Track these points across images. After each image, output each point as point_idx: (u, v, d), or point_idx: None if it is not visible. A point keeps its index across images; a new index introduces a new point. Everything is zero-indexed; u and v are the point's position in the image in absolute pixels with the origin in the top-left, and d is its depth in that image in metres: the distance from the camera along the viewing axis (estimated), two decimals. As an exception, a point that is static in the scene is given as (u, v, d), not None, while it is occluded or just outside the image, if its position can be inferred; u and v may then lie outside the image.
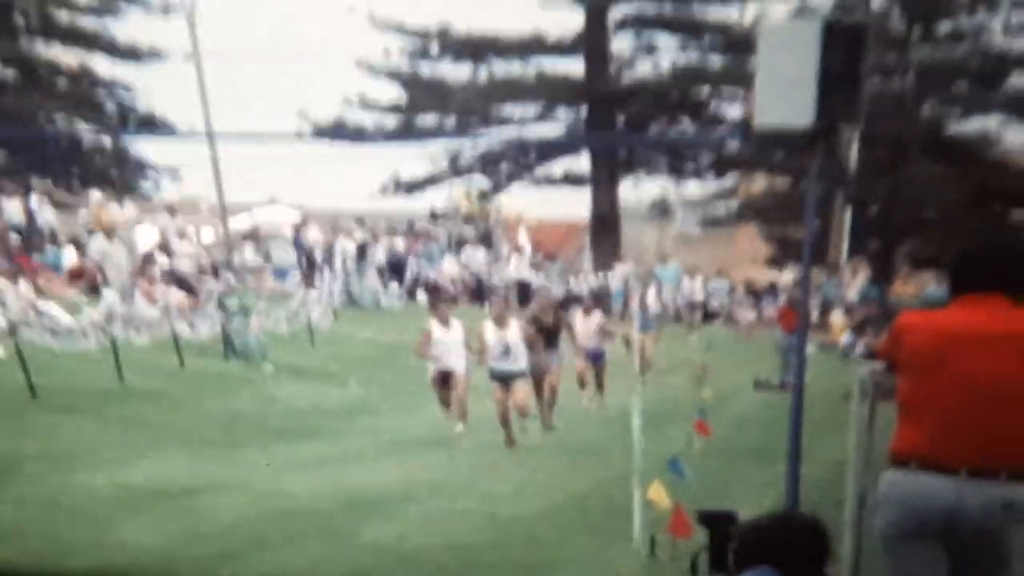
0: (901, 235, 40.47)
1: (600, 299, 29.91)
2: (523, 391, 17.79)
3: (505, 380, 17.60)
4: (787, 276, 36.83)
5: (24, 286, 22.89)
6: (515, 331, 17.86)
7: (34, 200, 28.98)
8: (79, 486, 13.90)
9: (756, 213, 43.75)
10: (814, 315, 30.34)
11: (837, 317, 31.81)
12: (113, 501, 13.05)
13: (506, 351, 17.62)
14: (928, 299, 29.77)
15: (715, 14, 43.12)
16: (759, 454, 14.78)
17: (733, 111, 43.60)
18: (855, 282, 34.91)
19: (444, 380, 17.92)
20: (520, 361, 17.79)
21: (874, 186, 39.49)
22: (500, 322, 17.83)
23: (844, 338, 29.44)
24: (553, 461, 16.35)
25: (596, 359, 21.93)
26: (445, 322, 17.82)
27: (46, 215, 28.86)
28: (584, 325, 21.76)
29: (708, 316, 35.64)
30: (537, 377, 18.78)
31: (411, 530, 11.91)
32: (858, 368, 7.82)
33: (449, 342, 17.73)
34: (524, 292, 34.18)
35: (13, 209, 28.38)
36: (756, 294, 37.58)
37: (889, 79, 38.30)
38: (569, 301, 34.63)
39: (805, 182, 9.42)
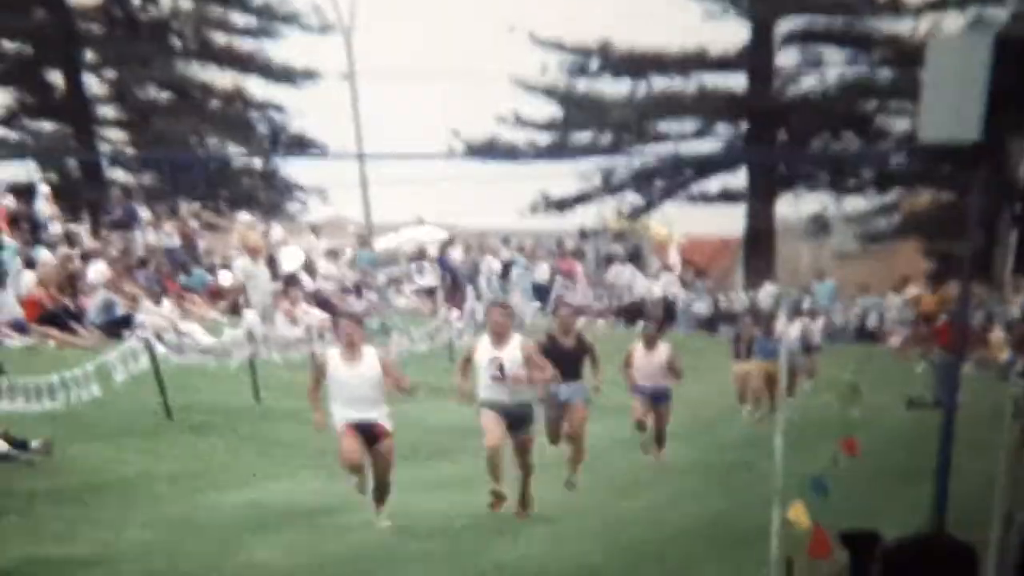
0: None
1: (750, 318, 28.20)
2: (527, 438, 13.67)
3: (505, 415, 13.37)
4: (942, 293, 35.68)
5: (167, 307, 23.05)
6: (515, 350, 13.40)
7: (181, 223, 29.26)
8: (210, 506, 14.02)
9: (918, 228, 42.75)
10: (975, 332, 29.41)
11: (998, 334, 30.78)
12: (244, 521, 13.04)
13: (499, 373, 13.31)
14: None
15: (886, 27, 42.21)
16: (908, 473, 14.23)
17: (900, 125, 42.55)
18: (1019, 298, 33.78)
19: (361, 438, 12.75)
20: (521, 392, 13.50)
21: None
22: (499, 338, 13.47)
23: (1004, 355, 28.53)
24: (687, 482, 16.05)
25: (658, 400, 17.75)
26: (353, 350, 12.78)
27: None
28: (645, 359, 17.81)
29: (863, 335, 34.65)
30: (554, 421, 15.41)
31: (537, 550, 11.79)
32: (1014, 386, 7.41)
33: (356, 381, 12.75)
34: (669, 310, 33.70)
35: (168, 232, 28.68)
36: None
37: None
38: (717, 319, 34.13)
39: (970, 197, 9.01)
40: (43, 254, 23.67)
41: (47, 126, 41.43)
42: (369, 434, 12.66)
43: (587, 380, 15.47)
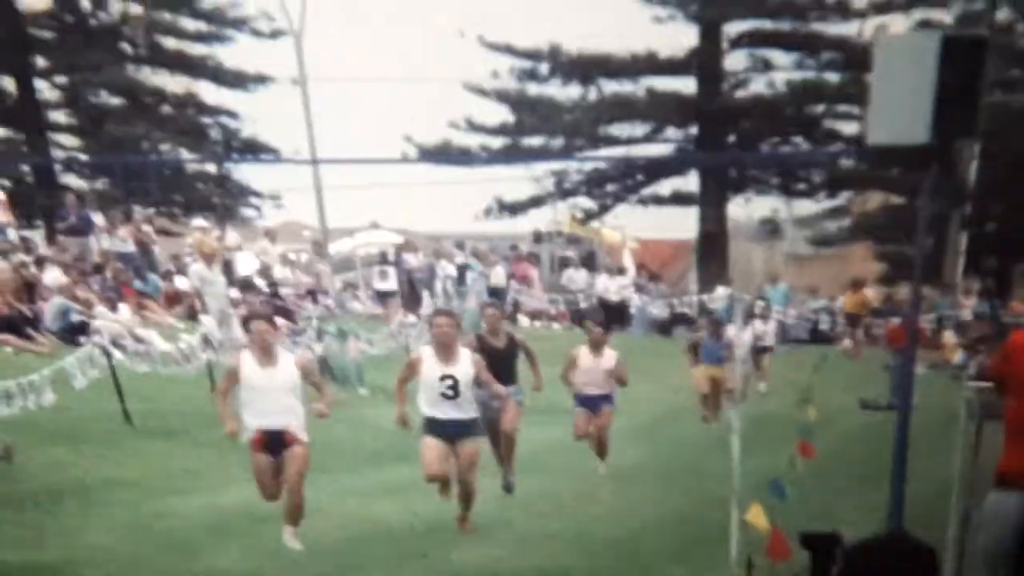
0: (1020, 253, 39.49)
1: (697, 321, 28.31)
2: (473, 451, 12.64)
3: (450, 434, 12.45)
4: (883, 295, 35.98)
5: (123, 312, 22.99)
6: (467, 365, 12.51)
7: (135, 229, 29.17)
8: (171, 511, 13.93)
9: (869, 231, 43.02)
10: (926, 334, 29.66)
11: (949, 336, 31.09)
12: (205, 526, 13.02)
13: (452, 392, 12.41)
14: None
15: (833, 30, 42.50)
16: (864, 475, 14.38)
17: (848, 128, 42.84)
18: (969, 301, 34.07)
19: (271, 448, 11.85)
20: (469, 407, 12.62)
21: (993, 203, 38.62)
22: (446, 350, 12.51)
23: (956, 357, 28.78)
24: (650, 484, 16.07)
25: (601, 404, 16.72)
26: (267, 354, 11.74)
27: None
28: (592, 363, 16.77)
29: (816, 337, 34.83)
30: (490, 423, 14.29)
31: (503, 553, 11.80)
32: (967, 388, 7.56)
33: (272, 387, 11.72)
34: (622, 314, 33.83)
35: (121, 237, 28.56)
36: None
37: (1012, 93, 37.38)
38: (672, 322, 34.34)
39: (920, 200, 9.12)
40: (-3, 261, 23.56)
41: (-1, 132, 41.37)
42: (279, 442, 11.74)
43: (525, 381, 15.02)
